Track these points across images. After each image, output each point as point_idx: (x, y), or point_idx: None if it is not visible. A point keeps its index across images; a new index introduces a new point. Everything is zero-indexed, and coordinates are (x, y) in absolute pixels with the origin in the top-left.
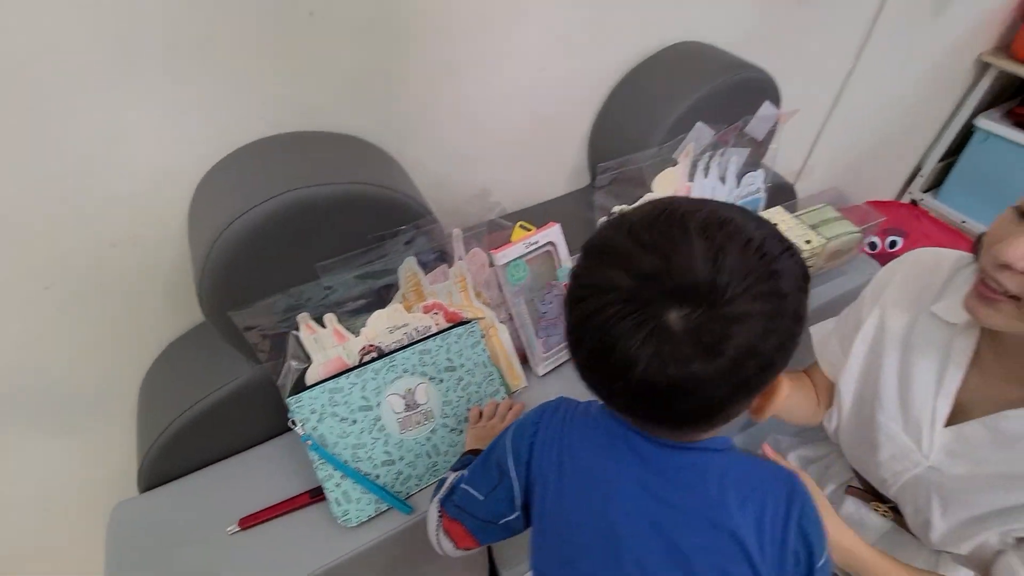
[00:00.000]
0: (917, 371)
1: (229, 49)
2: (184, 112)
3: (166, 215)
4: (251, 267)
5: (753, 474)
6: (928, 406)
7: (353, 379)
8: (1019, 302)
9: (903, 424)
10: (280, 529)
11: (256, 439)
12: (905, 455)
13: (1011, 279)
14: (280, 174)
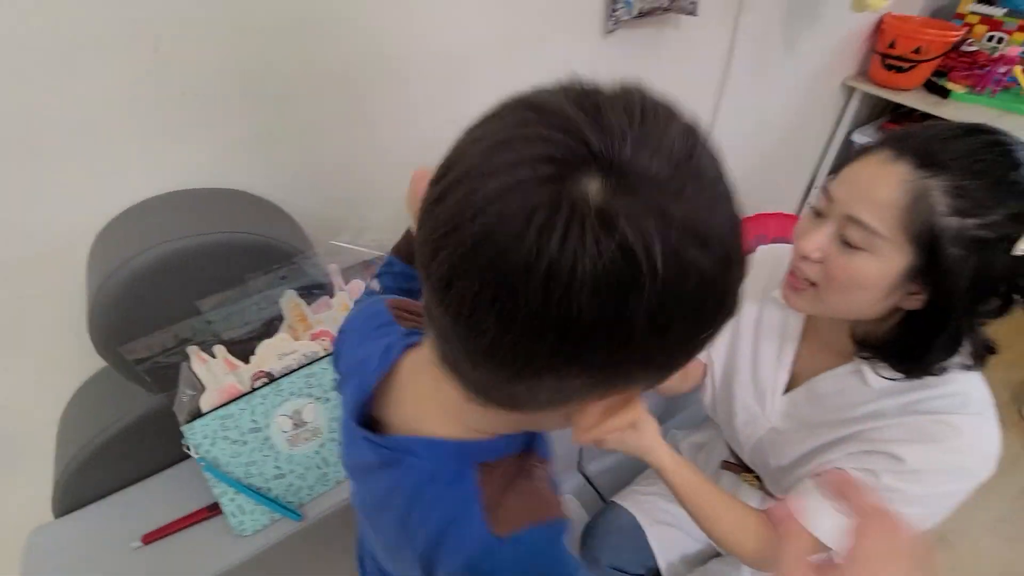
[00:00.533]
0: (763, 348)
1: (115, 125)
2: (80, 179)
3: (70, 268)
4: (136, 309)
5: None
6: (771, 377)
7: (242, 405)
8: (817, 288)
9: (754, 394)
10: (181, 542)
11: (162, 464)
12: (754, 420)
13: (809, 268)
14: (159, 228)
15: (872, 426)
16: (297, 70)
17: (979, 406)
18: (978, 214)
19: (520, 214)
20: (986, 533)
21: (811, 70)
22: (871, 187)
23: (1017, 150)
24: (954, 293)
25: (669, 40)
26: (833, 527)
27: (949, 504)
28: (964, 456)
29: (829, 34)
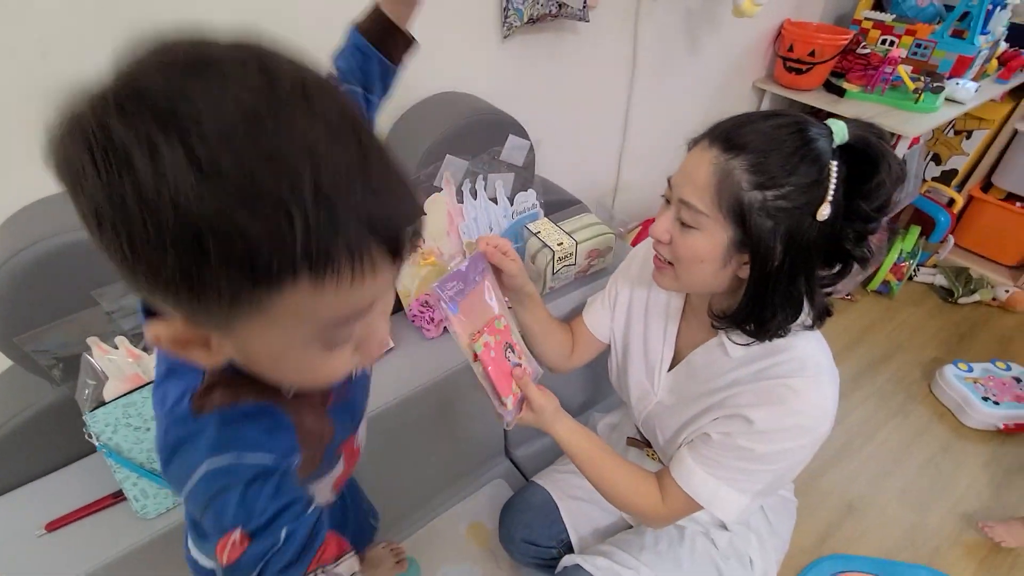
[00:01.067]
0: (652, 328)
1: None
2: None
3: None
4: (29, 301)
5: None
6: (658, 354)
7: (145, 393)
8: (674, 267)
9: (645, 371)
10: (85, 528)
11: (68, 458)
12: (645, 395)
13: (663, 250)
14: (48, 223)
15: (731, 393)
16: None
17: (815, 369)
18: (775, 186)
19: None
20: (892, 501)
21: (720, 73)
22: (693, 172)
23: (810, 129)
24: (770, 259)
25: (569, 45)
26: (701, 486)
27: (797, 458)
28: (801, 416)
29: (733, 39)
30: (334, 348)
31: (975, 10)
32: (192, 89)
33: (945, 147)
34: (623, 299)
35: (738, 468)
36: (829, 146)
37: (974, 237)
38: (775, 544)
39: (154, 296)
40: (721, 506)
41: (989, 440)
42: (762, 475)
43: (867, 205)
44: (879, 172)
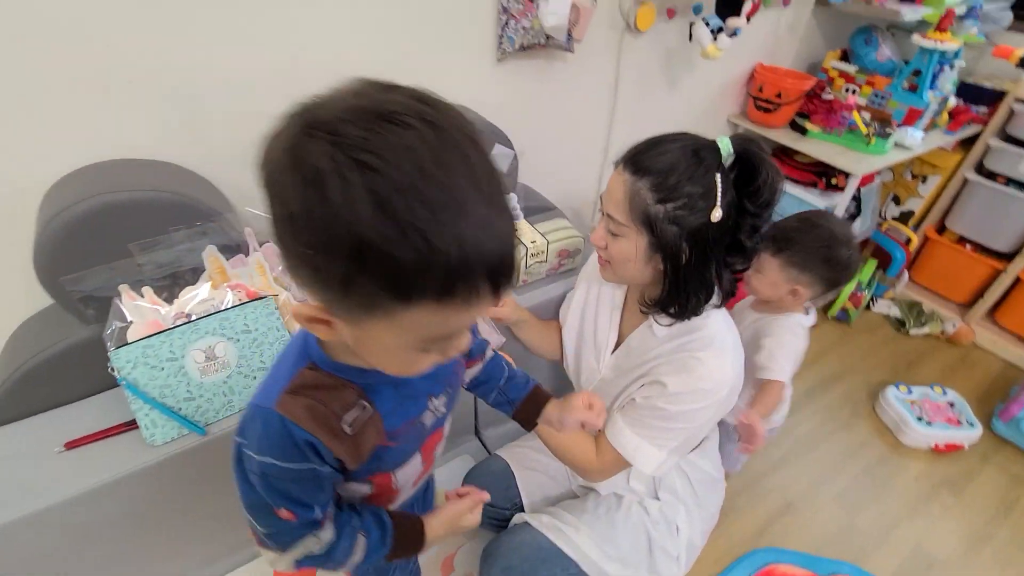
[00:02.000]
0: (601, 317)
1: (68, 101)
2: (32, 142)
3: (19, 219)
4: (77, 247)
5: None
6: (604, 338)
7: (163, 338)
8: (611, 266)
9: (594, 353)
10: (99, 449)
11: (90, 391)
12: (592, 373)
13: (603, 252)
14: (99, 183)
15: (655, 364)
16: (225, 70)
17: (720, 344)
18: (673, 199)
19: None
20: (828, 503)
21: (697, 107)
22: (612, 191)
23: (701, 150)
24: (679, 255)
25: (556, 71)
26: (626, 442)
27: (702, 418)
28: (704, 382)
29: (709, 78)
30: (428, 352)
31: (925, 68)
32: (379, 139)
33: (904, 189)
34: (579, 295)
35: (655, 426)
36: (716, 161)
37: (928, 274)
38: (702, 516)
39: (307, 285)
40: (642, 459)
41: (921, 457)
42: (675, 433)
43: (752, 204)
44: (759, 176)
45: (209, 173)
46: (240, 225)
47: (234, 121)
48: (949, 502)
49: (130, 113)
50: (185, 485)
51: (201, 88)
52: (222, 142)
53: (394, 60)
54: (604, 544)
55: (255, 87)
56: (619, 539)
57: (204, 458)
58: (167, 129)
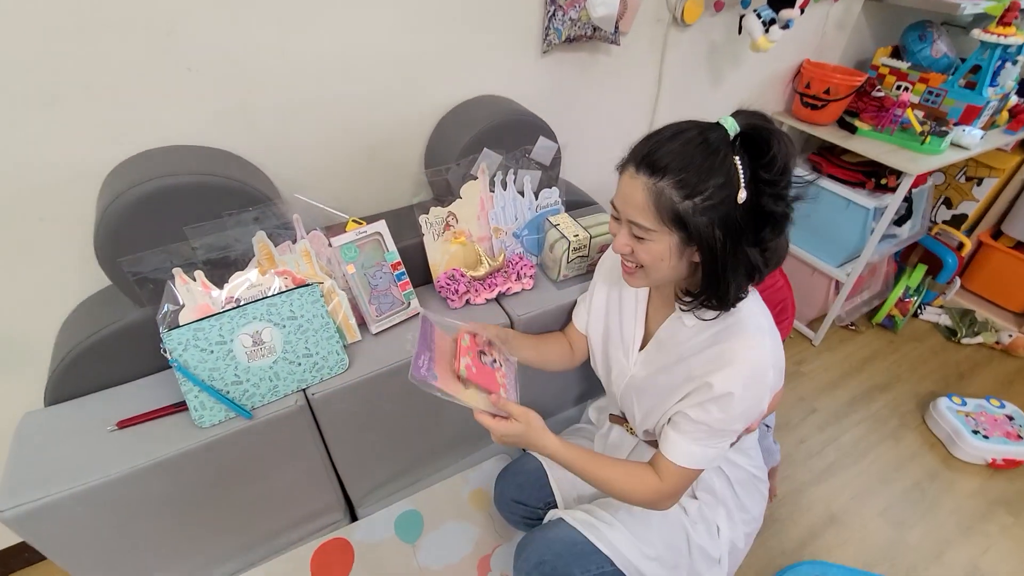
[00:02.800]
0: (626, 314)
1: (131, 87)
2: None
3: (81, 200)
4: (134, 229)
5: None
6: (631, 334)
7: (213, 322)
8: (644, 268)
9: (622, 349)
10: (150, 429)
11: (142, 372)
12: (622, 371)
13: (629, 258)
14: (157, 168)
15: (693, 362)
16: (277, 62)
17: (756, 328)
18: (699, 192)
19: None
20: (875, 516)
21: (740, 104)
22: (630, 196)
23: (709, 136)
24: (714, 245)
25: (601, 65)
26: (686, 453)
27: (757, 409)
28: (749, 373)
29: (753, 73)
30: None
31: (985, 64)
32: None
33: (957, 192)
34: (600, 296)
35: (713, 431)
36: (728, 142)
37: (981, 281)
38: (743, 518)
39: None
40: (697, 461)
41: (977, 473)
42: (733, 433)
43: (768, 173)
44: (771, 146)
45: (260, 161)
46: (288, 212)
47: (284, 111)
48: (1007, 521)
49: (187, 101)
50: (230, 468)
51: (254, 78)
52: (273, 131)
53: (440, 52)
54: (640, 542)
55: (304, 78)
56: (655, 538)
57: (250, 441)
58: (221, 117)
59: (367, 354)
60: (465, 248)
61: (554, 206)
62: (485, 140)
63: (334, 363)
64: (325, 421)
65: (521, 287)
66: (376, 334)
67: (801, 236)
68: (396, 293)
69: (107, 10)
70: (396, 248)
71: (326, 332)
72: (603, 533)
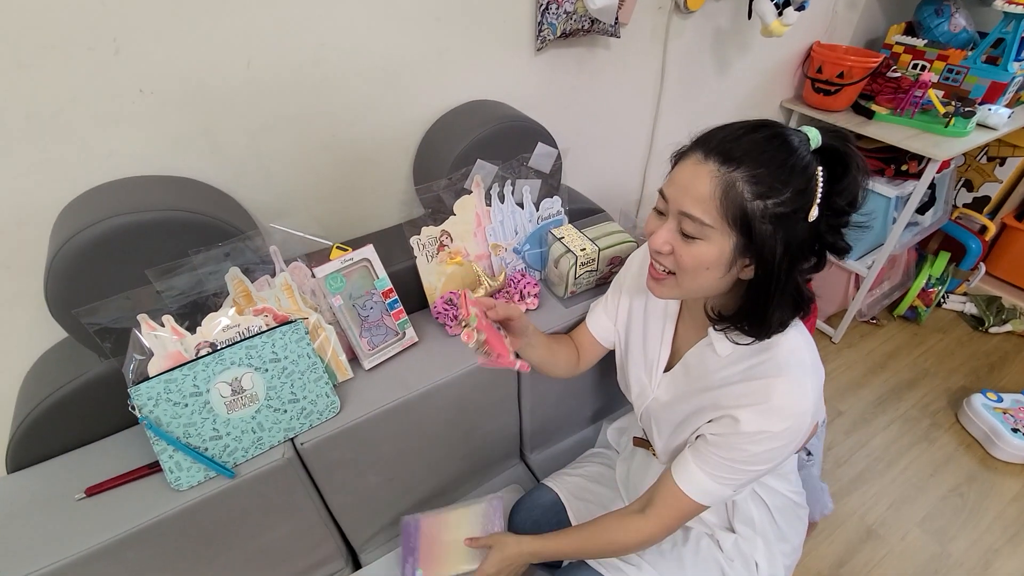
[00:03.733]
0: (651, 329)
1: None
2: (41, 162)
3: (31, 244)
4: (89, 275)
5: None
6: (656, 353)
7: (186, 371)
8: (675, 276)
9: (644, 368)
10: (121, 495)
11: (111, 429)
12: (643, 391)
13: (664, 260)
14: (110, 205)
15: (722, 392)
16: (242, 74)
17: (798, 367)
18: (773, 195)
19: None
20: (914, 527)
21: (748, 92)
22: (692, 185)
23: (791, 137)
24: (773, 260)
25: (600, 59)
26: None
27: (783, 454)
28: (784, 417)
29: (761, 60)
30: None
31: (1009, 37)
32: None
33: (978, 174)
34: (624, 304)
35: (725, 466)
36: (808, 152)
37: (1007, 266)
38: (783, 549)
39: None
40: (705, 496)
41: (1020, 474)
42: (746, 474)
43: (841, 201)
44: (850, 171)
45: (230, 188)
46: (264, 244)
47: (253, 131)
48: None
49: (142, 126)
50: (215, 531)
51: (217, 96)
52: (242, 154)
53: (423, 56)
54: None
55: (273, 93)
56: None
57: (235, 502)
58: (182, 142)
59: (361, 393)
60: (463, 268)
61: (557, 216)
62: (478, 150)
63: (324, 407)
64: (318, 471)
65: (525, 307)
66: (370, 370)
67: None
68: (390, 323)
69: (46, 31)
70: (387, 274)
71: (313, 373)
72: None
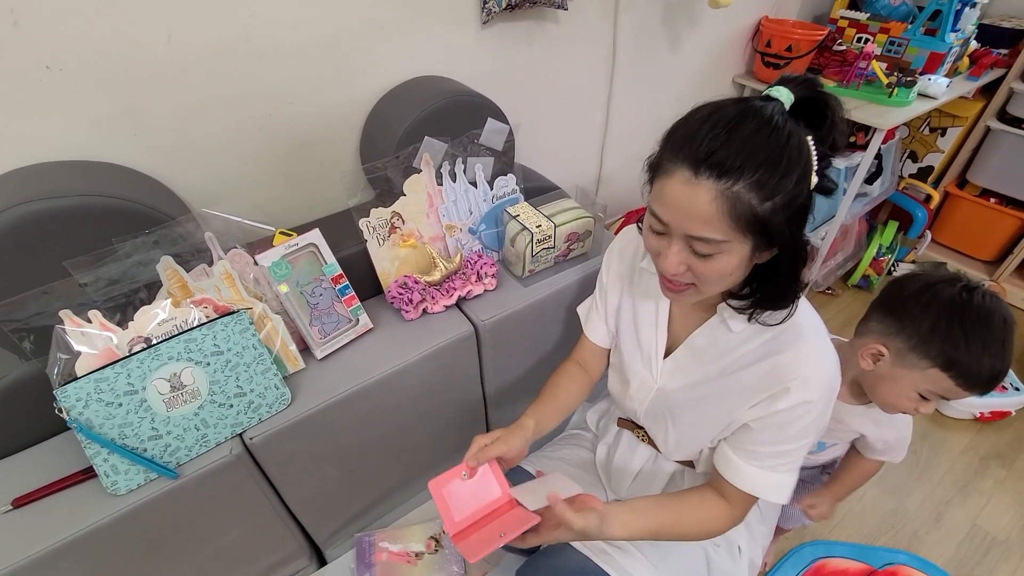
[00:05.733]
0: (642, 316)
1: None
2: None
3: None
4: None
5: None
6: (652, 340)
7: (118, 369)
8: (695, 286)
9: (640, 359)
10: (53, 504)
11: (39, 435)
12: (644, 383)
13: (682, 277)
14: (23, 191)
15: (745, 373)
16: (163, 50)
17: (814, 333)
18: (780, 191)
19: None
20: (871, 487)
21: (700, 67)
22: (692, 207)
23: (774, 117)
24: (790, 240)
25: (550, 33)
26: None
27: (821, 423)
28: (815, 387)
29: (712, 34)
30: None
31: (945, 8)
32: None
33: (921, 145)
34: (612, 300)
35: (777, 452)
36: (788, 122)
37: (951, 233)
38: (762, 532)
39: None
40: (776, 492)
41: (966, 428)
42: (798, 452)
43: (826, 147)
44: (827, 115)
45: (160, 174)
46: (200, 230)
47: (181, 111)
48: (1001, 475)
49: (53, 107)
50: (162, 536)
51: (137, 74)
52: (171, 137)
53: (365, 28)
54: (657, 570)
55: (201, 71)
56: (675, 563)
57: (180, 504)
58: (101, 124)
59: (313, 383)
60: (416, 251)
61: (512, 195)
62: (425, 127)
63: (273, 399)
64: (270, 466)
65: (483, 288)
66: (322, 359)
67: None
68: (341, 310)
69: None
70: (336, 259)
71: (260, 365)
72: (617, 561)
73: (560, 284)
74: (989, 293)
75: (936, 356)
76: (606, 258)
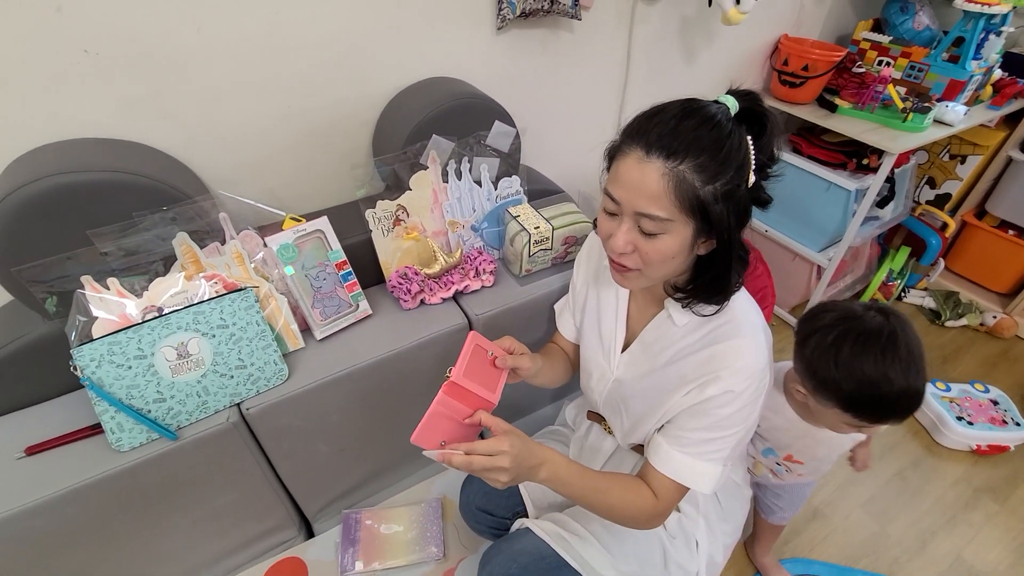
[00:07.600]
0: (604, 313)
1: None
2: None
3: None
4: (28, 235)
5: None
6: (611, 334)
7: (131, 334)
8: (640, 270)
9: (601, 351)
10: (62, 454)
11: (54, 391)
12: (603, 375)
13: (627, 259)
14: (50, 165)
15: (684, 363)
16: (193, 39)
17: (751, 328)
18: (721, 176)
19: None
20: (856, 509)
21: (714, 83)
22: (642, 184)
23: (718, 115)
24: (729, 232)
25: (564, 42)
26: (680, 466)
27: (749, 417)
28: (746, 376)
29: (728, 50)
30: None
31: (968, 36)
32: None
33: (940, 171)
34: (579, 297)
35: (705, 439)
36: (732, 123)
37: (965, 262)
38: (724, 529)
39: None
40: (701, 480)
41: (961, 459)
42: (725, 442)
43: (763, 156)
44: (766, 129)
45: (182, 155)
46: (213, 211)
47: (206, 97)
48: (992, 509)
49: (87, 88)
50: (159, 493)
51: (167, 60)
52: (194, 120)
53: (384, 28)
54: (614, 558)
55: (227, 59)
56: (630, 553)
57: (178, 464)
58: (130, 106)
59: (311, 362)
60: (419, 244)
61: (515, 196)
62: (434, 126)
63: (272, 374)
64: (265, 437)
65: (481, 284)
66: (321, 340)
67: (781, 220)
68: (343, 295)
69: None
70: (341, 246)
71: (262, 340)
72: (574, 547)
73: (555, 285)
74: (864, 331)
75: (834, 400)
76: (577, 260)
